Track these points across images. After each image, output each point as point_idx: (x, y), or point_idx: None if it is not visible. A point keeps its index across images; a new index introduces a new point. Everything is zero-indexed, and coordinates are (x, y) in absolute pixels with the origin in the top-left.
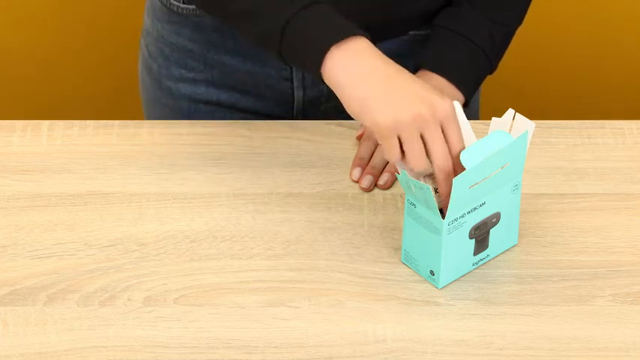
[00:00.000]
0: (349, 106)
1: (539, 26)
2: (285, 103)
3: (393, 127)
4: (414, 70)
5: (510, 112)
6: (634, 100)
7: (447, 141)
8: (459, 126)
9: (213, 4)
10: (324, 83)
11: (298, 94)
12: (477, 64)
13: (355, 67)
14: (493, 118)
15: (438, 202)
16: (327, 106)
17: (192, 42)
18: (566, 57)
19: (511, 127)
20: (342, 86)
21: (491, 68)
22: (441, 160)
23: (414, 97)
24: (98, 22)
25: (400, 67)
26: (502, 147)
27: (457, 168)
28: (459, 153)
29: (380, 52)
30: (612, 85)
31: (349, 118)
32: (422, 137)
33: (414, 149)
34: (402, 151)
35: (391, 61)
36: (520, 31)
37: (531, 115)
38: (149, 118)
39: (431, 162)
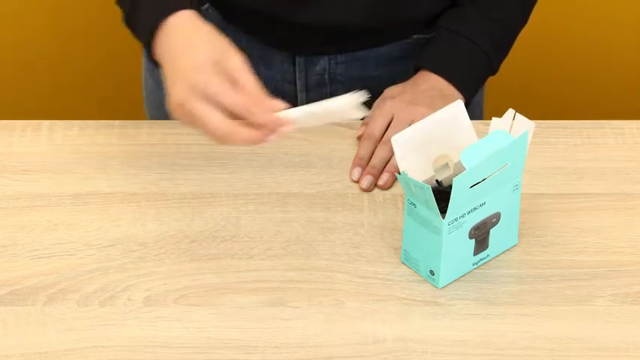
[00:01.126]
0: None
1: (539, 26)
2: (287, 99)
3: (179, 112)
4: (414, 70)
5: (510, 112)
6: (634, 100)
7: (222, 102)
8: (220, 87)
9: None
10: (325, 86)
11: (301, 96)
12: (477, 65)
13: (167, 51)
14: (493, 118)
15: None
16: None
17: None
18: (566, 57)
19: (511, 127)
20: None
21: (493, 69)
22: (213, 132)
23: (187, 74)
24: (99, 21)
25: (197, 35)
26: (502, 147)
27: (254, 113)
28: (245, 103)
29: (197, 21)
30: (612, 85)
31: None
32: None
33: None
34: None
35: (194, 31)
36: (520, 32)
37: (531, 115)
38: (151, 119)
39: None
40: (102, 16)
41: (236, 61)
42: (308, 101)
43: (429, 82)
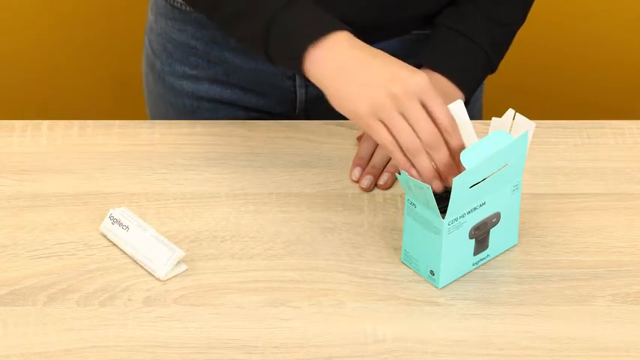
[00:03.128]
0: (333, 103)
1: (540, 26)
2: (287, 101)
3: (371, 113)
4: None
5: (510, 112)
6: (634, 100)
7: (430, 115)
8: (438, 97)
9: (204, 5)
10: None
11: (301, 92)
12: (477, 63)
13: (331, 63)
14: (493, 118)
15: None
16: (330, 105)
17: (195, 39)
18: (566, 57)
19: (511, 127)
20: (322, 85)
21: (492, 67)
22: (426, 134)
23: (385, 78)
24: (98, 21)
25: (377, 51)
26: (502, 147)
27: (448, 139)
28: (448, 123)
29: (358, 41)
30: (612, 85)
31: None
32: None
33: (398, 128)
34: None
35: (369, 48)
36: (520, 31)
37: (531, 115)
38: (152, 115)
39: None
40: (102, 17)
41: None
42: (307, 97)
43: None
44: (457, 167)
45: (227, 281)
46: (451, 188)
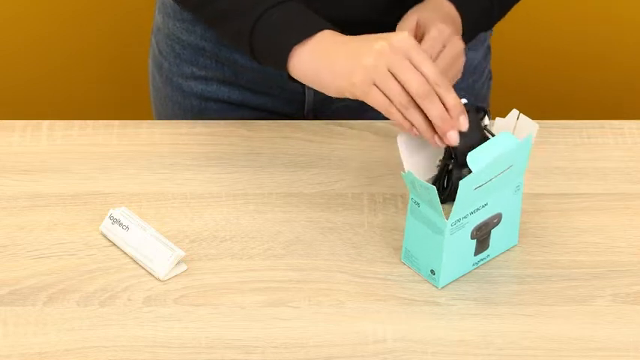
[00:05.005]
0: (327, 88)
1: (540, 26)
2: (296, 102)
3: (365, 78)
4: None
5: (514, 112)
6: (634, 100)
7: (419, 70)
8: (423, 53)
9: (192, 4)
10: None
11: (309, 93)
12: (480, 7)
13: (317, 55)
14: (497, 119)
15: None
16: (338, 105)
17: (204, 40)
18: (566, 57)
19: (515, 127)
20: (311, 80)
21: (491, 18)
22: (414, 86)
23: (369, 42)
24: (99, 21)
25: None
26: (507, 149)
27: (439, 91)
28: (436, 76)
29: (343, 35)
30: (612, 85)
31: (360, 117)
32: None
33: (390, 87)
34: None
35: (351, 36)
36: (520, 31)
37: (532, 115)
38: (159, 115)
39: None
40: (103, 17)
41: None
42: (316, 98)
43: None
44: (454, 123)
45: (227, 281)
46: (453, 152)
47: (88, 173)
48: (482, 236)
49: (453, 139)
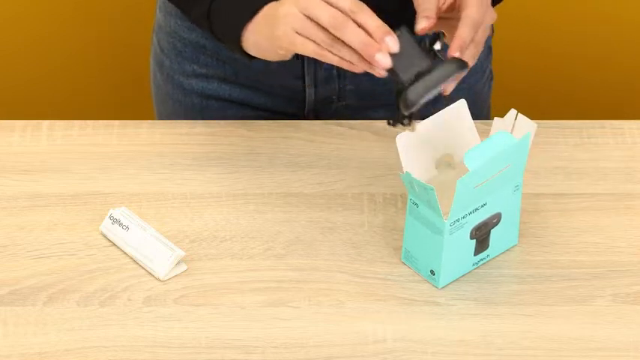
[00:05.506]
0: (273, 58)
1: (540, 26)
2: (296, 101)
3: (286, 27)
4: None
5: (513, 112)
6: (634, 100)
7: (331, 4)
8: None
9: None
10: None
11: (310, 92)
12: None
13: (257, 31)
14: (495, 118)
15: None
16: (339, 105)
17: (205, 38)
18: (566, 57)
19: (513, 127)
20: (258, 53)
21: None
22: (326, 19)
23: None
24: (99, 21)
25: None
26: (505, 148)
27: (356, 18)
28: (348, 5)
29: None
30: (612, 85)
31: (362, 117)
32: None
33: (308, 29)
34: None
35: None
36: (520, 32)
37: (532, 115)
38: (159, 113)
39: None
40: (103, 17)
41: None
42: (316, 97)
43: None
44: (379, 45)
45: (227, 281)
46: (394, 77)
47: (88, 173)
48: (481, 236)
49: (382, 61)
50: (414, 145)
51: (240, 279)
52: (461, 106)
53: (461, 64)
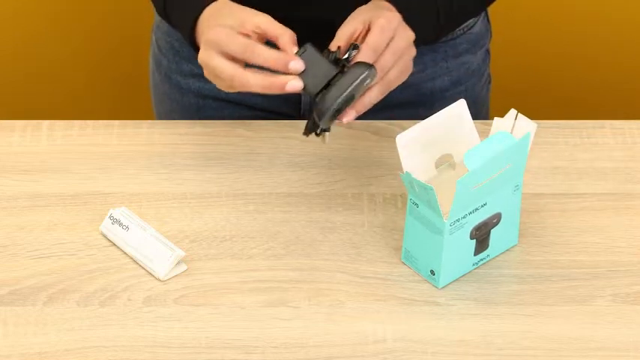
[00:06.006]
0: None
1: (540, 26)
2: (292, 101)
3: (206, 72)
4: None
5: (513, 112)
6: (634, 100)
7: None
8: (228, 45)
9: None
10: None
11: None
12: (428, 23)
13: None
14: (495, 118)
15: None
16: None
17: None
18: (566, 57)
19: (513, 127)
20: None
21: (435, 37)
22: (228, 79)
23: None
24: (99, 21)
25: (227, 8)
26: (505, 148)
27: (250, 59)
28: (239, 53)
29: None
30: (612, 85)
31: (360, 117)
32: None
33: (216, 83)
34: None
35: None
36: (520, 32)
37: (531, 115)
38: (158, 112)
39: None
40: (103, 17)
41: (260, 19)
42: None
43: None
44: (287, 77)
45: (227, 281)
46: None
47: (88, 173)
48: (481, 236)
49: (294, 86)
50: (414, 145)
51: (240, 279)
52: (461, 106)
53: (368, 67)
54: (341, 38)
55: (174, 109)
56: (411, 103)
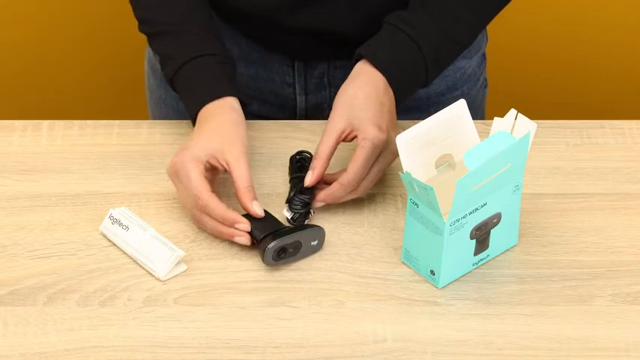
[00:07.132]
0: None
1: (540, 27)
2: (288, 108)
3: (169, 171)
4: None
5: (512, 112)
6: (634, 100)
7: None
8: (207, 205)
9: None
10: (324, 89)
11: (300, 99)
12: (413, 63)
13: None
14: (495, 118)
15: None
16: (330, 112)
17: None
18: (566, 57)
19: (513, 127)
20: None
21: (427, 77)
22: (215, 232)
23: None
24: (99, 21)
25: (216, 122)
26: (505, 148)
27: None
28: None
29: (234, 113)
30: (612, 85)
31: None
32: None
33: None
34: None
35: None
36: (520, 32)
37: (531, 115)
38: (154, 117)
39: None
40: (102, 17)
41: (232, 155)
42: (307, 104)
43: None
44: (236, 231)
45: (227, 281)
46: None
47: (88, 173)
48: (481, 236)
49: (241, 242)
50: (414, 145)
51: (240, 279)
52: (461, 106)
53: (319, 230)
54: (321, 157)
55: (169, 114)
56: (407, 107)
